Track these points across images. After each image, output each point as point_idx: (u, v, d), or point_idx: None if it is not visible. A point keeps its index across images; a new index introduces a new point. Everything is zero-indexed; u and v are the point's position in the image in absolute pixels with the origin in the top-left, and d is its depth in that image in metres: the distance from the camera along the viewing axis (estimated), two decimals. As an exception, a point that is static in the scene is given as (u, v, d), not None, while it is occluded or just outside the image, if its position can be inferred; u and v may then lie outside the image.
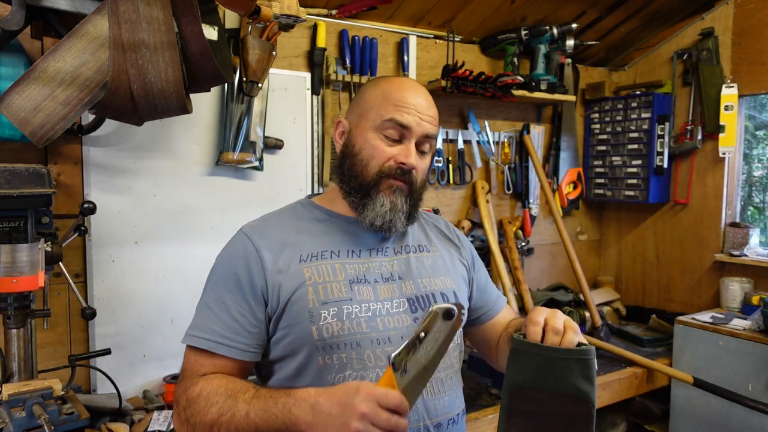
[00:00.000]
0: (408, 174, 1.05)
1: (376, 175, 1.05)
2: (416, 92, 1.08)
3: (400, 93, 1.06)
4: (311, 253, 1.06)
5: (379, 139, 1.05)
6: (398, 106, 1.04)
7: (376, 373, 0.98)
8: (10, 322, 1.37)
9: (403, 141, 1.05)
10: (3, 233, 1.30)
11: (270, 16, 1.90)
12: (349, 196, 1.09)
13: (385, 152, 1.05)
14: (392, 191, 1.05)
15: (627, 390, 2.28)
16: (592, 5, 2.57)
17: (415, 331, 0.80)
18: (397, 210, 1.05)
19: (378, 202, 1.05)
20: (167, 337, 1.91)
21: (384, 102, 1.06)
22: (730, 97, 2.49)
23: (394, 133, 1.05)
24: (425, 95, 1.09)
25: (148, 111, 1.45)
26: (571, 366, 0.85)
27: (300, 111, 2.16)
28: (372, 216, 1.05)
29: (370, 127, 1.06)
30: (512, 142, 2.77)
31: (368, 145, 1.06)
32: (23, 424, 1.25)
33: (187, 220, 1.95)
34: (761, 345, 2.10)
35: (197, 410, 0.92)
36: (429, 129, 1.06)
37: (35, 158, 1.69)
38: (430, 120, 1.07)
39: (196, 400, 0.93)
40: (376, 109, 1.06)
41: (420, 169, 1.08)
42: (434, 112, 1.09)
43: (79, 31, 1.29)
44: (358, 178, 1.06)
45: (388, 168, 1.05)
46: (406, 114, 1.04)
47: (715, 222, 2.65)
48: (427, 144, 1.08)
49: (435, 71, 2.46)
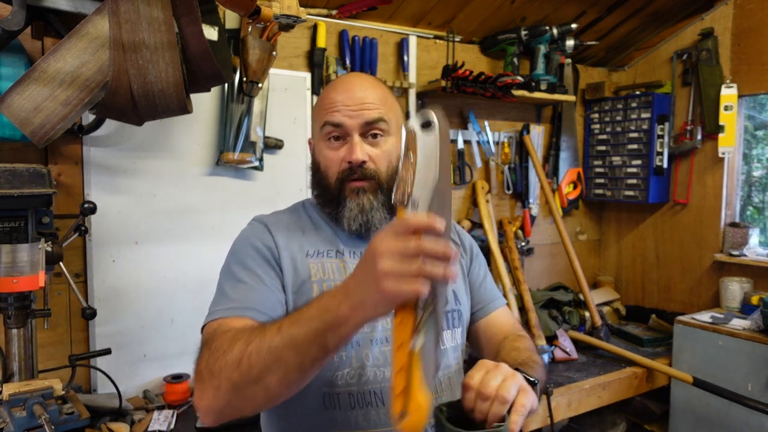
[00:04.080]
0: (360, 169, 1.03)
1: (337, 182, 1.04)
2: (346, 87, 1.05)
3: (329, 95, 1.05)
4: (318, 249, 1.07)
5: (327, 147, 1.05)
6: (328, 109, 1.04)
7: (374, 371, 0.98)
8: (10, 322, 1.37)
9: (347, 139, 1.04)
10: (3, 233, 1.30)
11: (270, 16, 1.90)
12: (325, 207, 1.09)
13: (335, 157, 1.04)
14: (356, 194, 1.04)
15: (627, 390, 2.28)
16: (592, 5, 2.57)
17: (401, 161, 0.71)
18: (367, 210, 1.04)
19: (347, 208, 1.04)
20: (167, 337, 1.91)
21: (319, 110, 1.07)
22: (729, 97, 2.50)
23: (335, 133, 1.04)
24: (360, 84, 1.06)
25: (148, 111, 1.45)
26: None
27: (300, 111, 2.17)
28: (347, 222, 1.04)
29: (319, 137, 1.07)
30: (512, 142, 2.77)
31: (322, 156, 1.07)
32: (24, 423, 1.26)
33: (187, 220, 1.96)
34: (761, 345, 2.10)
35: (220, 353, 0.79)
36: (366, 115, 1.02)
37: (36, 158, 1.69)
38: (367, 106, 1.03)
39: (219, 346, 0.81)
40: (317, 119, 1.08)
41: (376, 156, 1.04)
42: (373, 96, 1.04)
43: (80, 31, 1.30)
44: (325, 189, 1.07)
45: (343, 172, 1.04)
46: (336, 112, 1.03)
47: (715, 222, 2.65)
48: (377, 128, 1.04)
49: (435, 71, 2.46)
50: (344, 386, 0.98)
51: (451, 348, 1.08)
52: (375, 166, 1.04)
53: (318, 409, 0.98)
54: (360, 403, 0.97)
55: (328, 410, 0.98)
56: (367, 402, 0.97)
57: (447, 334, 1.08)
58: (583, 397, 2.14)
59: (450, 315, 1.10)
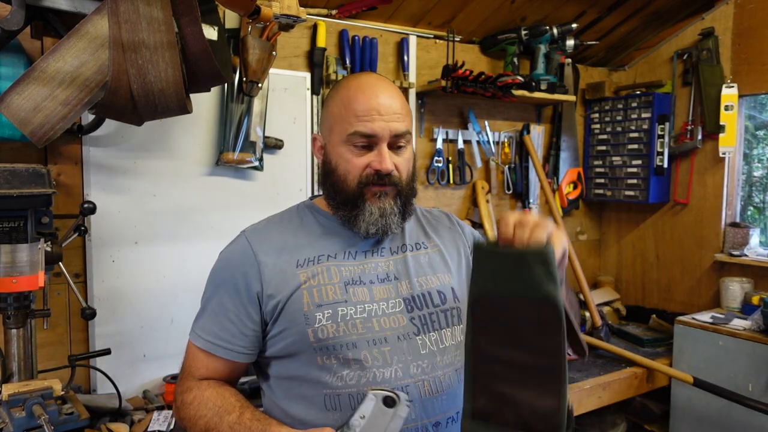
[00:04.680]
0: (387, 177, 1.04)
1: (357, 187, 1.05)
2: (374, 92, 1.04)
3: (358, 100, 1.03)
4: (308, 257, 1.07)
5: (351, 152, 1.04)
6: (359, 116, 1.02)
7: (373, 372, 0.99)
8: (10, 322, 1.37)
9: (374, 147, 1.04)
10: (3, 233, 1.30)
11: (270, 16, 1.90)
12: (339, 210, 1.09)
13: (360, 163, 1.04)
14: (377, 198, 1.05)
15: (627, 390, 2.28)
16: (592, 5, 2.57)
17: (351, 414, 0.76)
18: (387, 214, 1.05)
19: (367, 212, 1.05)
20: (167, 337, 1.91)
21: (346, 114, 1.04)
22: (730, 97, 2.49)
23: (363, 142, 1.04)
24: (386, 90, 1.06)
25: (148, 111, 1.45)
26: (530, 267, 0.75)
27: (300, 111, 2.16)
28: (365, 226, 1.05)
29: (339, 141, 1.06)
30: (512, 142, 2.77)
31: (342, 160, 1.06)
32: (23, 424, 1.25)
33: (187, 220, 1.95)
34: (761, 345, 2.09)
35: (189, 416, 1.04)
36: (396, 127, 1.04)
37: (35, 158, 1.69)
38: (396, 117, 1.04)
39: (189, 407, 1.04)
40: (340, 123, 1.05)
41: (401, 166, 1.06)
42: (399, 106, 1.05)
43: (79, 31, 1.29)
44: (342, 193, 1.07)
45: (367, 177, 1.04)
46: (369, 122, 1.02)
47: (715, 222, 2.65)
48: (402, 139, 1.06)
49: (435, 71, 2.46)
50: (344, 387, 0.99)
51: (452, 346, 1.08)
52: (399, 174, 1.06)
53: (320, 410, 0.99)
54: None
55: (329, 411, 0.98)
56: None
57: (446, 332, 1.08)
58: (584, 397, 2.14)
59: (449, 313, 1.10)
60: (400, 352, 1.01)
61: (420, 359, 1.02)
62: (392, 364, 1.00)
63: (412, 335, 1.03)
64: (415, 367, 1.01)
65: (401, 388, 0.98)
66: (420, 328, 1.04)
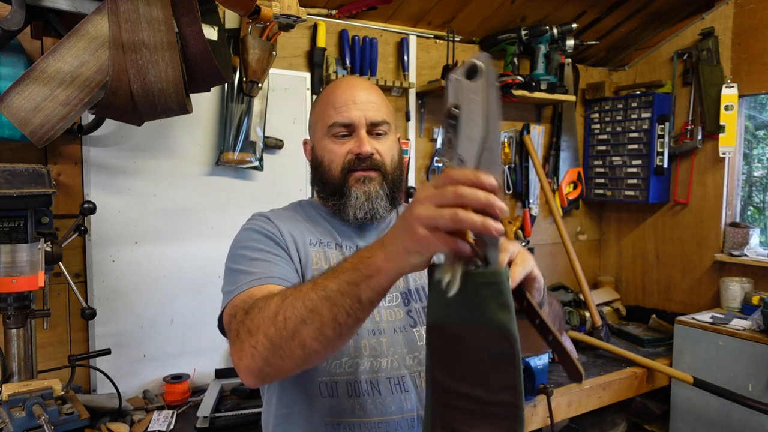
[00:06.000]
0: (369, 160, 1.08)
1: (341, 173, 1.09)
2: (350, 87, 1.11)
3: (336, 95, 1.11)
4: (319, 239, 1.11)
5: (333, 143, 1.10)
6: (337, 108, 1.09)
7: (370, 362, 1.00)
8: (10, 322, 1.37)
9: (353, 135, 1.09)
10: (3, 233, 1.30)
11: (270, 16, 1.90)
12: (328, 201, 1.13)
13: (341, 150, 1.09)
14: (362, 183, 1.08)
15: (627, 390, 2.28)
16: (592, 5, 2.57)
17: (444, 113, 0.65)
18: (373, 197, 1.08)
19: (353, 197, 1.08)
20: (167, 337, 1.91)
21: (326, 109, 1.11)
22: (730, 97, 2.49)
23: (343, 131, 1.09)
24: (362, 85, 1.12)
25: (148, 111, 1.45)
26: (482, 293, 0.68)
27: (300, 111, 2.16)
28: (353, 211, 1.08)
29: (322, 135, 1.12)
30: (512, 142, 2.77)
31: (326, 152, 1.11)
32: (23, 424, 1.26)
33: (187, 220, 1.95)
34: (761, 345, 2.09)
35: (257, 311, 0.82)
36: (372, 115, 1.09)
37: (35, 158, 1.69)
38: (372, 106, 1.09)
39: (253, 306, 0.84)
40: (321, 119, 1.12)
41: (382, 151, 1.09)
42: (376, 98, 1.11)
43: (79, 31, 1.29)
44: (328, 183, 1.11)
45: (349, 162, 1.08)
46: (345, 112, 1.08)
47: (715, 222, 2.64)
48: (380, 127, 1.10)
49: (435, 71, 2.45)
50: (342, 374, 1.00)
51: None
52: (381, 158, 1.09)
53: (316, 397, 1.00)
54: (357, 392, 0.99)
55: (325, 398, 0.99)
56: (363, 391, 0.99)
57: None
58: (584, 397, 2.14)
59: None
60: (396, 343, 1.03)
61: (416, 351, 1.04)
62: (388, 355, 1.02)
63: (408, 327, 1.06)
64: (411, 358, 1.03)
65: (397, 378, 1.00)
66: (416, 320, 1.06)
